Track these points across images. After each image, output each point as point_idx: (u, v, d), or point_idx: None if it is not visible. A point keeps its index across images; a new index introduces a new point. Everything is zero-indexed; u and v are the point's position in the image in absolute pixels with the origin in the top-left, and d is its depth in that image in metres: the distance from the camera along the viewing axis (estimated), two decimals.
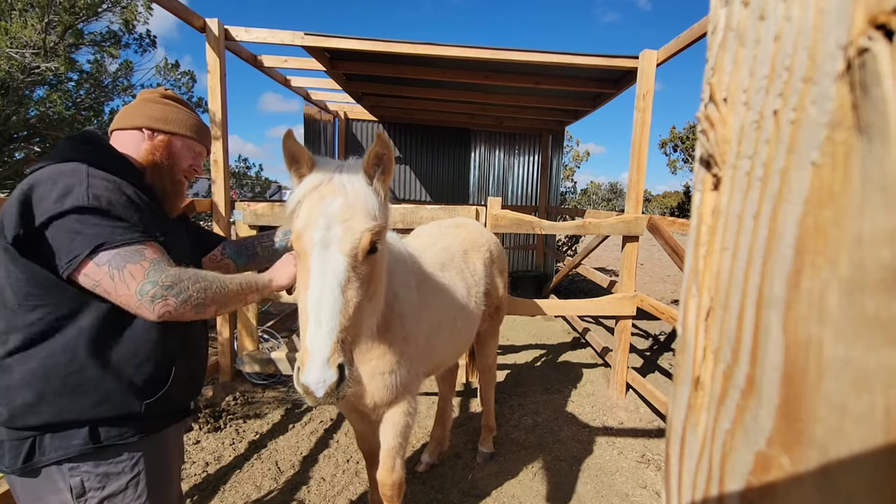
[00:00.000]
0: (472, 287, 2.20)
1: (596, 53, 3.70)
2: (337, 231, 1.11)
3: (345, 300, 1.08)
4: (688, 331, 0.35)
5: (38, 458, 1.03)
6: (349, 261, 1.11)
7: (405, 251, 1.80)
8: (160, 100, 1.32)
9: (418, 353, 1.72)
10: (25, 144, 4.93)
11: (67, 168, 1.03)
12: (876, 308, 0.22)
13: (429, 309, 1.81)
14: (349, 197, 1.15)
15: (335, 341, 1.03)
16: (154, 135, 1.28)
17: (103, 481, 1.08)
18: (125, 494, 1.10)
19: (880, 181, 0.21)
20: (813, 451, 0.25)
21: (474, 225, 2.62)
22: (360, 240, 1.12)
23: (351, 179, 1.18)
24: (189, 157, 1.35)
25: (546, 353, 4.90)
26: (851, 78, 0.23)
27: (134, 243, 1.03)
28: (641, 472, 2.81)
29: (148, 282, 1.01)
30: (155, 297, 1.00)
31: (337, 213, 1.12)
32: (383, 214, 1.20)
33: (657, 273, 10.53)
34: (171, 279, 1.03)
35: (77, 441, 1.05)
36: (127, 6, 5.19)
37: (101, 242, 0.99)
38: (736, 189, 0.30)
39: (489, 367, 2.84)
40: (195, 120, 1.36)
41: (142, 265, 1.02)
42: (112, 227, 1.01)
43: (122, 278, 1.00)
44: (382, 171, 1.22)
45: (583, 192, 27.87)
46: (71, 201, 0.98)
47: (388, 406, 1.66)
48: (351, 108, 7.27)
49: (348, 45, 3.62)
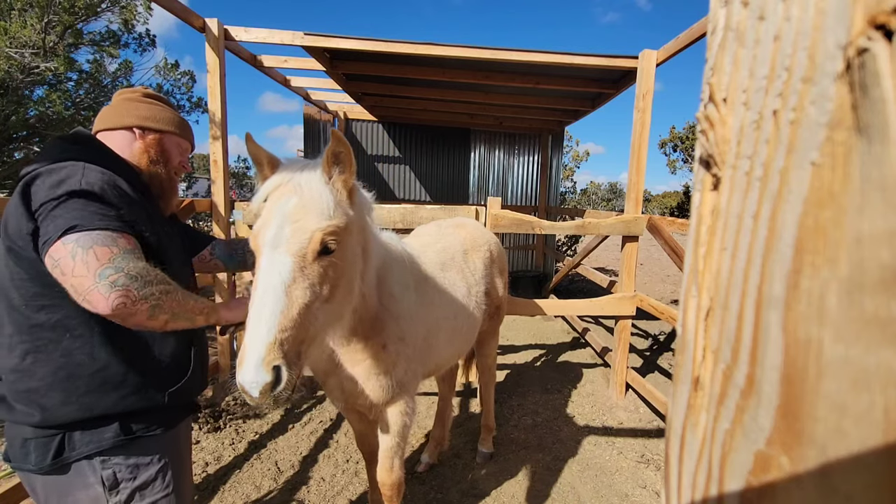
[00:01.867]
0: (473, 287, 2.19)
1: (596, 53, 3.70)
2: (287, 231, 1.09)
3: (288, 301, 1.04)
4: (687, 331, 0.35)
5: (68, 454, 1.04)
6: (296, 261, 1.08)
7: (403, 251, 1.79)
8: (144, 99, 1.32)
9: (416, 353, 1.71)
10: (25, 144, 4.93)
11: (65, 163, 1.03)
12: (875, 308, 0.22)
13: (428, 308, 1.80)
14: (304, 197, 1.13)
15: (272, 342, 0.99)
16: (145, 133, 1.28)
17: (134, 472, 1.10)
18: (154, 485, 1.13)
19: (880, 181, 0.22)
20: (812, 451, 0.25)
21: (474, 225, 2.63)
22: (308, 240, 1.09)
23: (308, 179, 1.16)
24: (178, 154, 1.37)
25: (546, 353, 4.90)
26: (851, 78, 0.23)
27: (110, 230, 0.99)
28: (641, 472, 2.81)
29: (111, 266, 0.95)
30: (115, 283, 0.94)
31: (290, 213, 1.11)
32: (342, 213, 1.17)
33: (657, 273, 10.53)
34: (137, 270, 0.98)
35: (109, 434, 1.07)
36: (126, 6, 5.18)
37: (75, 224, 0.95)
38: (735, 189, 0.30)
39: (489, 366, 2.85)
40: (178, 117, 1.38)
41: (111, 249, 0.97)
42: (94, 212, 0.99)
43: (84, 258, 0.94)
44: (341, 169, 1.20)
45: (582, 192, 27.89)
46: (64, 188, 0.97)
47: (386, 406, 1.65)
48: (351, 107, 7.27)
49: (348, 45, 3.62)
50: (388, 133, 7.81)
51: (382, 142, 7.85)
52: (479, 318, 2.29)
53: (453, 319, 2.00)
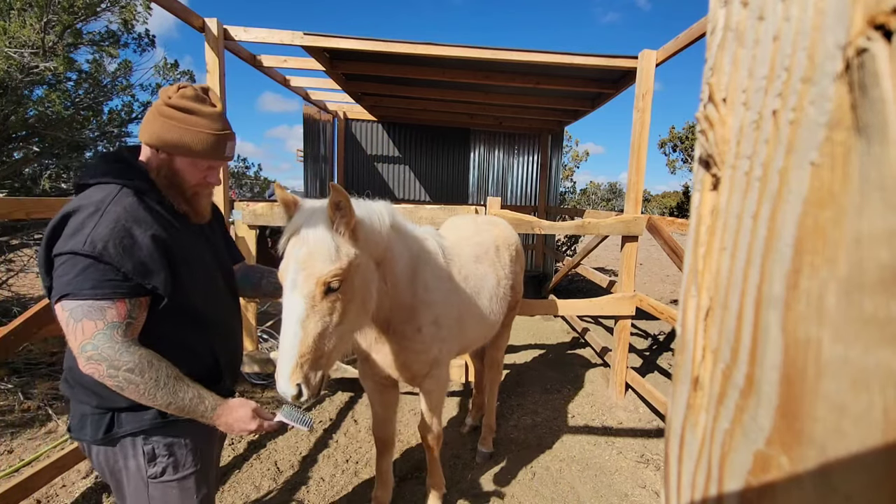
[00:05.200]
0: (502, 280, 2.44)
1: (595, 53, 3.70)
2: (299, 277, 1.35)
3: (304, 333, 1.31)
4: (687, 330, 0.35)
5: (116, 430, 1.23)
6: (307, 301, 1.34)
7: (439, 245, 2.04)
8: (164, 110, 1.24)
9: (450, 334, 1.99)
10: (24, 144, 4.92)
11: (96, 198, 1.17)
12: (874, 308, 0.22)
13: (460, 295, 2.07)
14: (310, 245, 1.37)
15: (294, 365, 1.29)
16: (158, 153, 1.27)
17: (169, 449, 1.29)
18: (185, 462, 1.32)
19: (879, 181, 0.22)
20: (811, 451, 0.25)
21: (505, 224, 2.85)
22: (315, 284, 1.34)
23: (315, 227, 1.39)
24: (197, 174, 1.31)
25: (545, 353, 4.90)
26: (850, 78, 0.23)
27: (100, 299, 1.11)
28: (641, 472, 2.81)
29: (91, 343, 1.11)
30: (90, 358, 1.11)
31: (301, 261, 1.36)
32: (344, 254, 1.40)
33: (656, 273, 10.54)
34: (108, 353, 1.11)
35: (148, 416, 1.25)
36: (126, 6, 5.17)
37: (67, 293, 1.10)
38: (735, 189, 0.30)
39: (498, 362, 2.93)
40: (199, 133, 1.25)
41: (96, 324, 1.11)
42: (89, 277, 1.10)
43: (74, 330, 1.11)
44: (342, 214, 1.40)
45: (582, 191, 27.90)
46: (71, 245, 1.10)
47: (425, 378, 2.00)
48: (350, 107, 7.27)
49: (348, 44, 3.62)
50: (388, 133, 7.81)
51: (382, 142, 7.84)
52: (503, 309, 2.50)
53: (483, 306, 2.24)
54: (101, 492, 2.46)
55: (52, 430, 3.02)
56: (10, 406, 3.20)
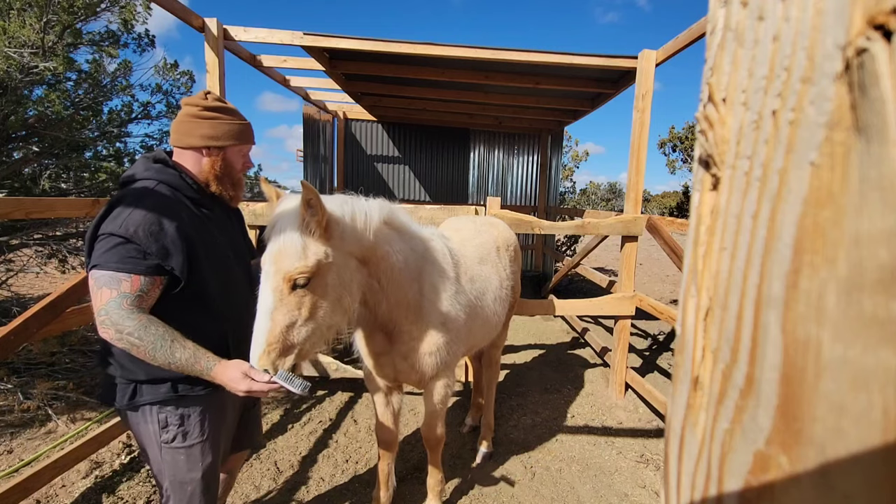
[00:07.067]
0: (504, 281, 2.46)
1: (595, 53, 3.70)
2: (270, 271, 1.42)
3: (272, 323, 1.38)
4: (687, 330, 0.35)
5: (137, 399, 1.42)
6: (276, 294, 1.40)
7: (445, 248, 2.05)
8: (206, 114, 1.48)
9: (458, 335, 2.01)
10: (24, 144, 4.92)
11: (136, 191, 1.38)
12: (874, 308, 0.22)
13: (466, 297, 2.07)
14: (280, 242, 1.43)
15: (262, 351, 1.36)
16: (210, 151, 1.50)
17: (181, 419, 1.46)
18: (193, 431, 1.48)
19: (878, 181, 0.22)
20: (811, 451, 0.25)
21: (503, 225, 2.86)
22: (282, 280, 1.40)
23: (287, 226, 1.44)
24: (240, 159, 1.59)
25: (545, 353, 4.90)
26: (850, 78, 0.23)
27: (120, 272, 1.29)
28: (640, 472, 2.82)
29: (104, 308, 1.28)
30: (102, 323, 1.29)
31: (273, 257, 1.43)
32: (313, 254, 1.44)
33: (656, 273, 10.54)
34: (116, 318, 1.27)
35: (163, 390, 1.43)
36: (125, 6, 5.17)
37: (98, 264, 1.30)
38: (735, 189, 0.30)
39: (496, 361, 2.94)
40: (237, 125, 1.53)
41: (111, 292, 1.28)
42: (116, 253, 1.29)
43: (95, 294, 1.30)
44: (312, 213, 1.44)
45: (582, 192, 27.90)
46: (110, 227, 1.30)
47: (431, 380, 2.01)
48: (350, 107, 7.27)
49: (347, 44, 3.62)
50: (388, 133, 7.81)
51: (382, 142, 7.84)
52: (505, 309, 2.53)
53: (488, 307, 2.26)
54: (101, 492, 2.46)
55: (51, 431, 3.02)
56: (9, 406, 3.20)
